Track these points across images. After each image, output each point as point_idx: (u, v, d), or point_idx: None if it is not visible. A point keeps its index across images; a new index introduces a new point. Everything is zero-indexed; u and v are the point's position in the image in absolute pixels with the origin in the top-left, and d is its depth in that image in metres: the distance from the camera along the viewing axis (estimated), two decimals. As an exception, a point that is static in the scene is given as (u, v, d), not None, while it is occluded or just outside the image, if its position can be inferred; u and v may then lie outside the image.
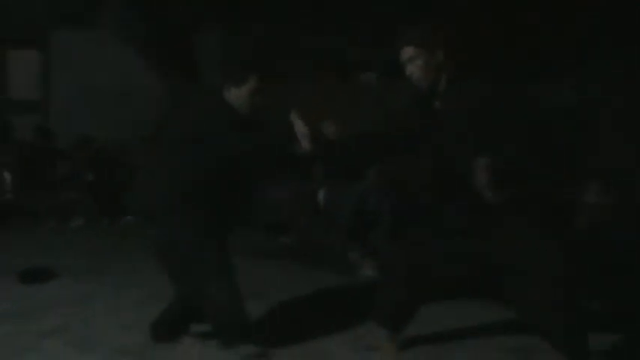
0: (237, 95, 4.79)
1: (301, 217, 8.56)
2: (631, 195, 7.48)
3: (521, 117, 4.43)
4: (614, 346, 4.93)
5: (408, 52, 4.37)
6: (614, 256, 6.58)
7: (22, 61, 14.19)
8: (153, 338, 4.89)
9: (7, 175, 10.26)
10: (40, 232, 9.40)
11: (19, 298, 5.99)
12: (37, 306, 5.55)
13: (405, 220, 7.60)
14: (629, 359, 4.88)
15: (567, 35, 10.29)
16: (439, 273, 4.58)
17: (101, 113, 12.36)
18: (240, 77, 4.78)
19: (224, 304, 4.52)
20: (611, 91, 9.80)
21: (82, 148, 11.02)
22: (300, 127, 4.73)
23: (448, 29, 4.41)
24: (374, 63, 12.70)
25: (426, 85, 4.36)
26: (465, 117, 4.22)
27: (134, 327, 5.14)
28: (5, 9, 13.64)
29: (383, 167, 8.28)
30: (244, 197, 4.91)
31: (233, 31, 12.97)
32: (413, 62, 4.36)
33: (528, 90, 7.51)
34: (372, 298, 5.10)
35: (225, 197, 4.68)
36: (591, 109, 9.87)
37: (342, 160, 8.84)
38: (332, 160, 9.12)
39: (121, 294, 6.06)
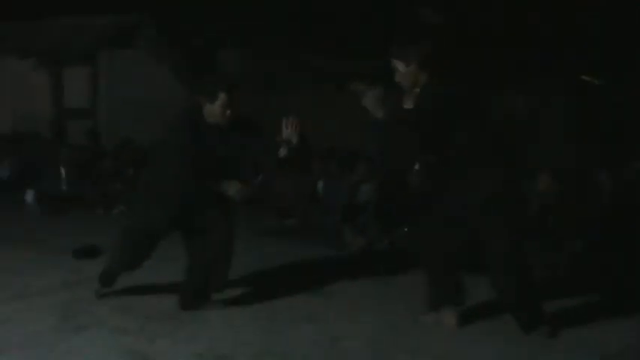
0: (210, 111, 4.82)
1: (302, 203, 8.68)
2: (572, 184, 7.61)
3: (475, 115, 4.57)
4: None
5: (393, 63, 4.62)
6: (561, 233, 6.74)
7: (75, 75, 14.27)
8: (180, 306, 5.02)
9: (63, 171, 10.33)
10: (90, 218, 9.45)
11: (74, 270, 6.07)
12: (89, 277, 5.54)
13: (389, 207, 7.72)
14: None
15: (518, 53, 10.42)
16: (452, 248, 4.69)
17: (140, 119, 12.44)
18: (212, 93, 4.79)
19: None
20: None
21: (125, 149, 11.12)
22: (286, 133, 4.91)
23: (424, 48, 4.58)
24: (366, 75, 12.80)
25: (406, 88, 4.58)
26: (428, 115, 4.41)
27: (167, 294, 5.25)
28: (63, 33, 13.77)
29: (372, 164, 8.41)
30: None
31: (250, 49, 13.08)
32: (397, 71, 4.60)
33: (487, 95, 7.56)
34: (358, 269, 5.24)
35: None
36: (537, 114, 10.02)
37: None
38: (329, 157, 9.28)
39: (159, 266, 6.09)
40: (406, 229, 7.26)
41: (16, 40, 14.24)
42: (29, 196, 10.06)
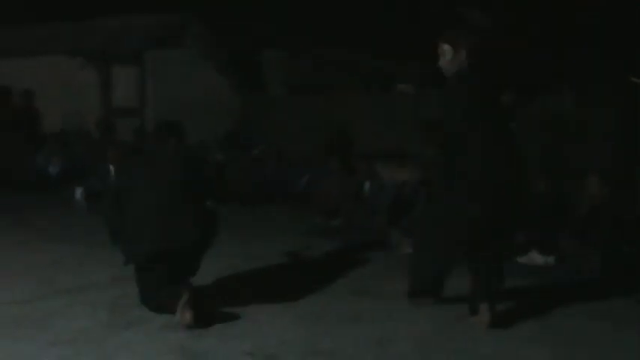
0: None
1: (348, 203, 8.67)
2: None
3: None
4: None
5: (441, 47, 4.76)
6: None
7: (123, 75, 14.45)
8: None
9: (111, 168, 10.44)
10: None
11: (123, 267, 6.01)
12: None
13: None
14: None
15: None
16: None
17: (187, 119, 12.52)
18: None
19: None
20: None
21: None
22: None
23: (474, 39, 4.63)
24: (410, 75, 12.77)
25: (449, 74, 4.71)
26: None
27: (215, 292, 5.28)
28: (111, 33, 13.95)
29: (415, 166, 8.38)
30: None
31: (293, 52, 13.13)
32: (443, 56, 4.73)
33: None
34: (405, 270, 5.23)
35: None
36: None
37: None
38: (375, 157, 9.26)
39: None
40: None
41: (66, 39, 14.47)
42: (78, 193, 10.20)
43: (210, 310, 4.79)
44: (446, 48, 4.67)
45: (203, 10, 14.17)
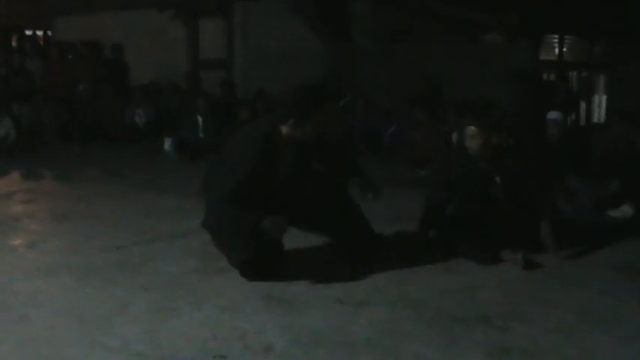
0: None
1: (436, 154, 8.57)
2: None
3: None
4: None
5: (469, 130, 5.07)
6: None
7: (210, 27, 14.56)
8: None
9: (200, 120, 10.59)
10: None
11: None
12: None
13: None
14: None
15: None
16: None
17: (274, 70, 12.58)
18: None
19: None
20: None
21: (259, 98, 11.30)
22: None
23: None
24: (498, 26, 12.47)
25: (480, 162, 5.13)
26: None
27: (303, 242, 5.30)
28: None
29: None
30: None
31: (379, 2, 12.96)
32: (473, 139, 5.04)
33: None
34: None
35: None
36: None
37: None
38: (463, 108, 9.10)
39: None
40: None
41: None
42: (167, 144, 10.40)
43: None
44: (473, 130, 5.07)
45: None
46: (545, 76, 13.28)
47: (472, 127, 5.14)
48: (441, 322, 3.82)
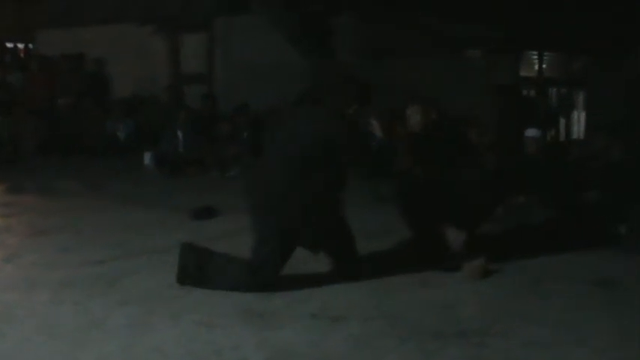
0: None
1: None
2: None
3: None
4: None
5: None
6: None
7: (191, 41, 14.54)
8: None
9: (180, 134, 10.57)
10: (206, 179, 9.67)
11: (192, 230, 6.21)
12: (207, 237, 5.68)
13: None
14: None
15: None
16: None
17: (255, 84, 12.57)
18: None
19: None
20: None
21: (240, 113, 11.28)
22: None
23: None
24: (479, 40, 12.54)
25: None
26: None
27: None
28: (182, 1, 14.04)
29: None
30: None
31: (363, 17, 12.99)
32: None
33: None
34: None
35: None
36: None
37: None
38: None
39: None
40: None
41: (137, 7, 14.61)
42: (147, 158, 10.37)
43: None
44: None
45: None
46: (525, 92, 13.36)
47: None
48: (416, 337, 3.83)
